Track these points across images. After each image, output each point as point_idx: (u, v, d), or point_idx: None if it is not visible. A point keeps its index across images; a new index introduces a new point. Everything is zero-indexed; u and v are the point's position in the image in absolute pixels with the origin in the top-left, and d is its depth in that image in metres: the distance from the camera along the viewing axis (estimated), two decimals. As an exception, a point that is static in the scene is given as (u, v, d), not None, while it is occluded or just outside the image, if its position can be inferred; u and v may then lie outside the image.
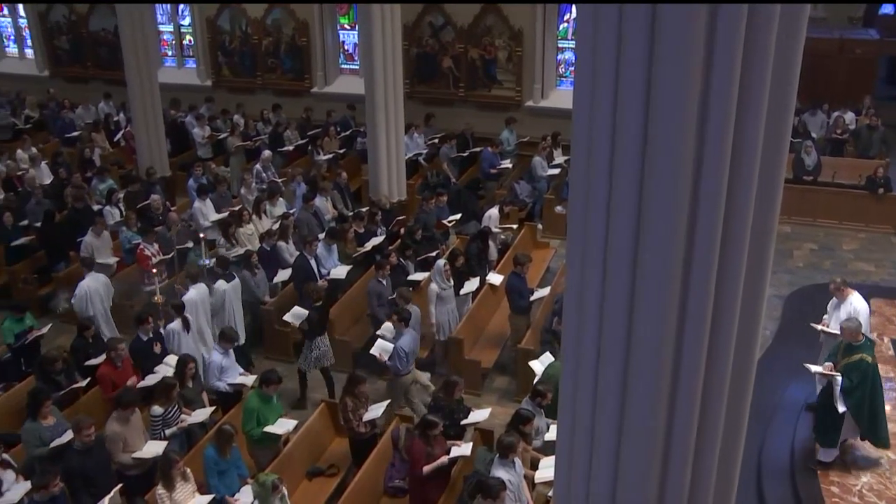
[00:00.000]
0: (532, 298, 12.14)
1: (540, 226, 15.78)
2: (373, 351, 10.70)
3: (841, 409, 9.24)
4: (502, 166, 17.24)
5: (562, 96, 18.86)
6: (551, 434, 8.89)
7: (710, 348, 4.44)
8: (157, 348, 10.72)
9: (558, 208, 15.76)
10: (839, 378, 9.19)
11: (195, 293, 11.57)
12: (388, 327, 10.91)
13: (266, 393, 9.49)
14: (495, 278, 12.91)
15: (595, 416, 4.79)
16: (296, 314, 11.34)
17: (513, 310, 12.06)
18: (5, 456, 8.66)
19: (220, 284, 11.87)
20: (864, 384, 9.24)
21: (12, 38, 25.39)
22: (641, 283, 4.29)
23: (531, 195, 16.53)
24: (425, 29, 19.75)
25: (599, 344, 4.60)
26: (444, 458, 8.87)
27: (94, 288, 12.16)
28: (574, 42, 7.70)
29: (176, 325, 11.03)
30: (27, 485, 8.33)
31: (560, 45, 19.25)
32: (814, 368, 9.56)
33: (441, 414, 9.13)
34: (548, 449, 9.23)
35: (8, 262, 14.14)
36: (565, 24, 19.03)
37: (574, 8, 18.46)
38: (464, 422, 9.58)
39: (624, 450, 4.71)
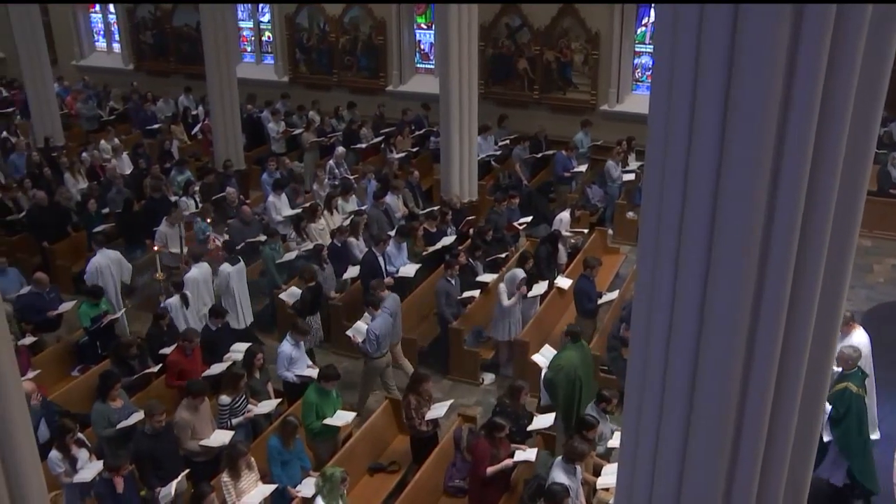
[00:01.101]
0: (600, 301, 12.02)
1: (611, 231, 15.61)
2: (348, 332, 11.13)
3: (826, 437, 8.76)
4: (575, 170, 17.10)
5: (637, 101, 18.63)
6: (615, 441, 8.79)
7: (781, 361, 4.33)
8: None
9: (630, 214, 15.57)
10: (828, 407, 8.74)
11: (197, 272, 12.08)
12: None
13: (325, 388, 9.59)
14: (564, 282, 12.82)
15: (660, 425, 4.72)
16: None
17: (580, 313, 11.96)
18: (80, 435, 8.94)
19: (225, 267, 12.15)
20: (850, 416, 8.74)
21: (101, 33, 26.12)
22: (713, 294, 4.20)
23: (603, 200, 16.37)
24: (502, 30, 19.71)
25: (667, 353, 4.53)
26: (508, 462, 8.83)
27: (104, 264, 12.64)
28: (652, 46, 7.61)
29: (174, 300, 11.54)
30: (99, 464, 8.59)
31: (637, 50, 19.01)
32: None
33: (506, 418, 9.09)
34: (610, 455, 9.13)
35: (89, 248, 14.54)
36: (643, 28, 18.78)
37: (653, 12, 18.23)
38: (529, 427, 9.53)
39: (689, 460, 4.63)
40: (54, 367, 11.50)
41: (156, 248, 12.59)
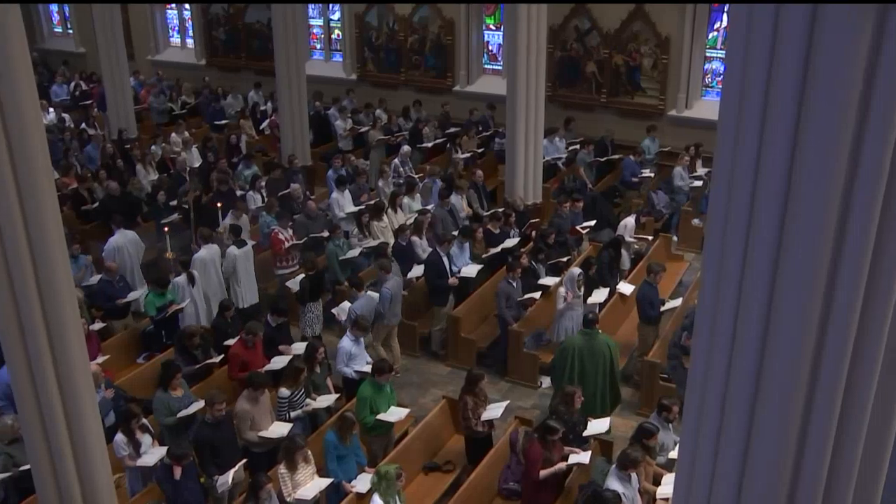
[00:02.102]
0: (663, 309, 11.88)
1: (675, 238, 15.42)
2: (333, 310, 11.84)
3: None
4: (643, 175, 16.93)
5: (706, 107, 18.32)
6: (676, 452, 8.69)
7: (850, 373, 4.22)
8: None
9: (695, 221, 15.36)
10: None
11: (206, 252, 12.68)
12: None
13: (379, 382, 9.65)
14: (626, 288, 12.71)
15: (720, 437, 4.64)
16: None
17: (642, 320, 11.84)
18: (144, 421, 9.16)
19: (232, 250, 12.76)
20: None
21: (176, 29, 26.67)
22: (779, 305, 4.12)
23: (668, 206, 16.17)
24: (571, 32, 19.58)
25: (730, 363, 4.46)
26: (562, 465, 8.80)
27: (121, 243, 13.29)
28: (723, 52, 7.48)
29: (181, 278, 12.11)
30: (162, 450, 8.78)
31: (708, 55, 18.70)
32: None
33: (561, 423, 9.04)
34: (671, 465, 9.02)
35: (158, 239, 14.85)
36: (715, 33, 18.49)
37: (725, 16, 17.95)
38: (585, 433, 9.47)
39: (748, 474, 4.55)
40: (121, 354, 11.80)
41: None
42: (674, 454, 8.90)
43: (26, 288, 7.02)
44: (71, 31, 28.24)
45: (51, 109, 21.42)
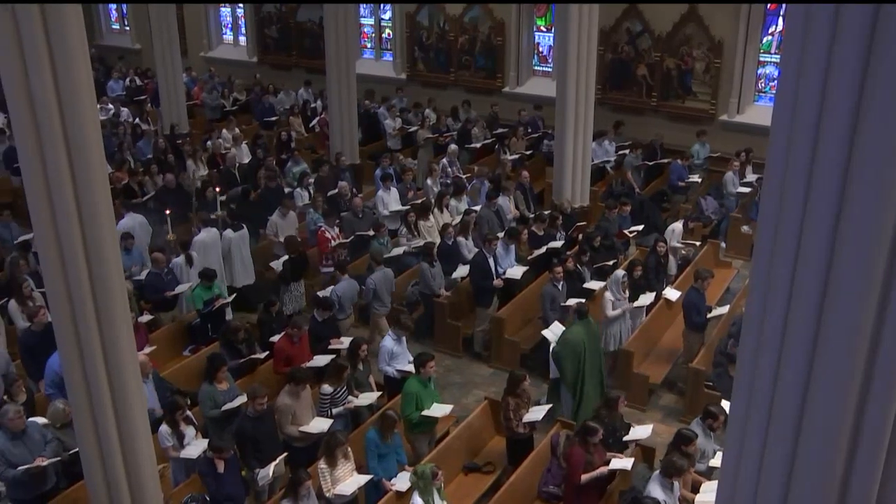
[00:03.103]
0: (709, 316, 11.73)
1: (723, 244, 15.22)
2: (318, 293, 12.27)
3: None
4: (691, 180, 16.75)
5: (759, 112, 18.06)
6: (717, 460, 8.59)
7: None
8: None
9: (745, 228, 15.14)
10: None
11: (205, 235, 13.18)
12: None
13: (423, 374, 9.67)
14: (672, 293, 12.59)
15: (765, 447, 4.57)
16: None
17: (688, 326, 11.71)
18: (189, 413, 9.27)
19: (228, 233, 13.40)
20: None
21: (229, 26, 26.99)
22: (829, 315, 4.04)
23: (717, 212, 15.97)
24: (622, 35, 19.44)
25: (777, 372, 4.39)
26: (604, 469, 8.73)
27: (130, 225, 13.79)
28: (778, 56, 7.37)
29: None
30: (205, 443, 8.89)
31: (762, 59, 18.43)
32: None
33: (602, 428, 8.98)
34: (712, 473, 8.91)
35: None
36: (769, 37, 18.22)
37: (781, 20, 17.68)
38: (626, 438, 9.39)
39: (793, 488, 4.47)
40: (168, 346, 11.96)
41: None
42: (714, 462, 8.82)
43: (79, 278, 7.17)
44: (128, 28, 28.73)
45: (110, 105, 21.80)
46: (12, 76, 6.68)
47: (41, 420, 8.98)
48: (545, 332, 11.17)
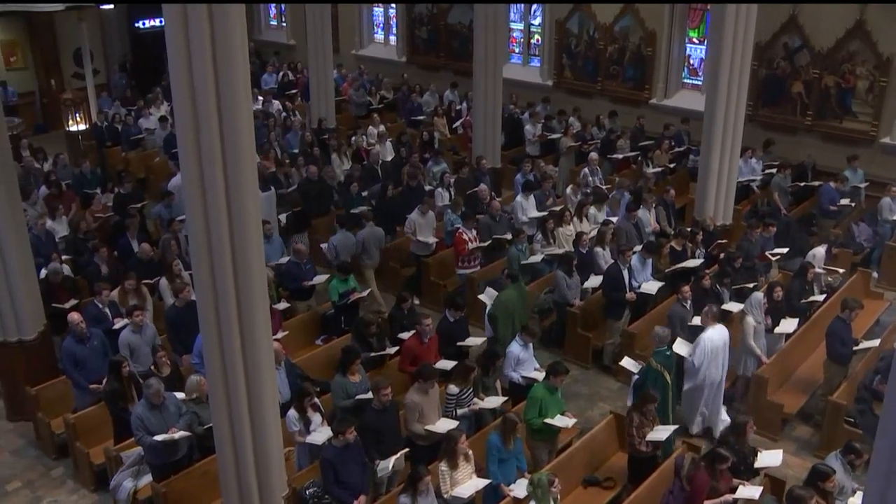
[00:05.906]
0: (855, 349, 11.15)
1: (876, 274, 14.46)
2: (322, 245, 13.45)
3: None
4: (842, 204, 15.95)
5: (925, 136, 17.07)
6: (856, 499, 8.19)
7: None
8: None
9: (901, 258, 14.35)
10: None
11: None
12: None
13: (553, 384, 9.60)
14: (733, 306, 12.14)
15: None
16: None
17: (830, 357, 11.15)
18: (316, 400, 9.50)
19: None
20: (645, 387, 9.88)
21: (381, 26, 27.55)
22: None
23: (871, 239, 15.18)
24: (779, 50, 18.71)
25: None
26: (729, 497, 8.46)
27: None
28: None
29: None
30: (329, 431, 9.07)
31: (933, 80, 17.40)
32: None
33: (731, 453, 8.68)
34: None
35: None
36: (943, 57, 17.16)
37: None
38: (757, 464, 9.05)
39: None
40: (301, 334, 12.31)
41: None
42: (853, 501, 8.40)
43: (223, 260, 7.49)
44: (285, 25, 29.75)
45: (262, 98, 22.64)
46: (179, 68, 7.06)
47: (180, 395, 9.47)
48: (481, 297, 12.36)
